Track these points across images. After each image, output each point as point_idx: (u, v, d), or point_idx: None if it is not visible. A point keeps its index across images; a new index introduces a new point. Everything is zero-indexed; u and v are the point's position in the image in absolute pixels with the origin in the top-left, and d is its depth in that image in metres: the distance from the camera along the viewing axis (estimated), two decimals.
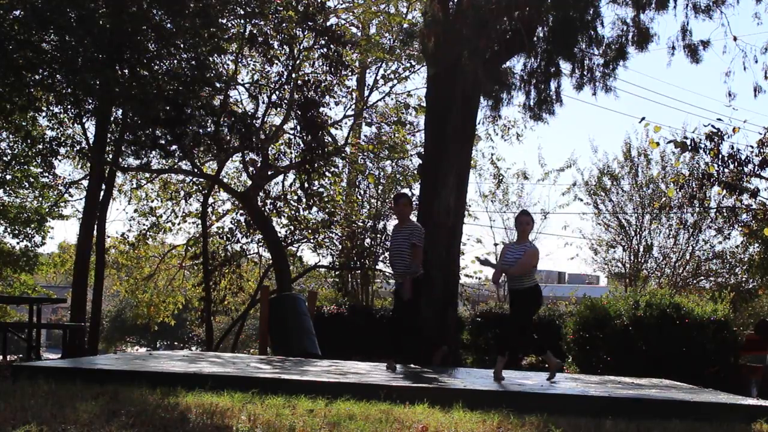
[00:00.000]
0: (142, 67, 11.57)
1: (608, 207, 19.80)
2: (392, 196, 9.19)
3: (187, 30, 11.18)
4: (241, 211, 16.63)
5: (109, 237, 16.66)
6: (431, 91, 11.10)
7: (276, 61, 14.23)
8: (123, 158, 13.92)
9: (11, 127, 13.77)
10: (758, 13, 12.60)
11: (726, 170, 11.06)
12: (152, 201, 17.91)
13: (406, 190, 17.42)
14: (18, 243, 17.14)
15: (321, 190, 16.00)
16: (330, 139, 16.04)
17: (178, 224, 17.93)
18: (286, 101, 14.66)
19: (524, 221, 8.00)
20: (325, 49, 14.11)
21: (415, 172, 16.57)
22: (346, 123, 17.06)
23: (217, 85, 12.91)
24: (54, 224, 43.99)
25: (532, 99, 10.60)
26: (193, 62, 11.83)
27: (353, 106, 16.67)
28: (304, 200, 15.64)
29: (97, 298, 14.59)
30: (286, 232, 16.49)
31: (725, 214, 15.29)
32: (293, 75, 14.35)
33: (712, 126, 10.86)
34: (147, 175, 16.69)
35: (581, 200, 20.51)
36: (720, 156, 10.96)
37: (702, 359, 10.61)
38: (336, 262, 17.48)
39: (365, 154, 17.05)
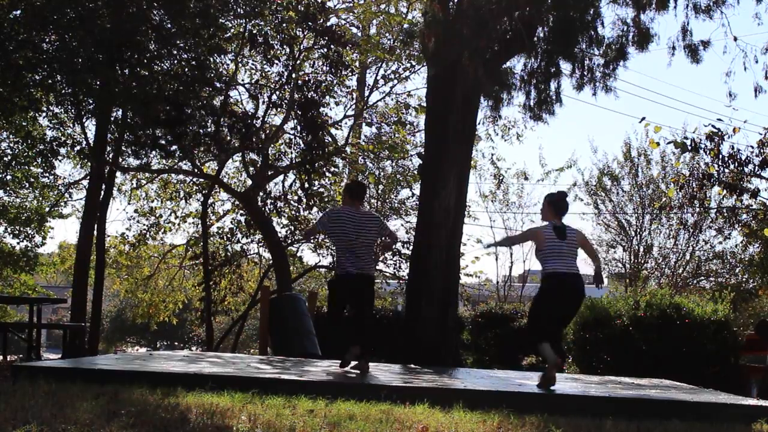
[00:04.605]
0: (142, 67, 11.57)
1: (608, 207, 19.85)
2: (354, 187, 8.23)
3: (187, 30, 11.18)
4: (241, 211, 16.64)
5: (109, 237, 16.68)
6: (431, 92, 11.08)
7: (276, 61, 14.23)
8: (123, 158, 13.93)
9: (11, 127, 13.78)
10: (758, 13, 12.59)
11: (726, 170, 11.06)
12: (152, 201, 17.93)
13: (406, 190, 17.46)
14: (18, 243, 17.19)
15: (321, 190, 16.00)
16: (330, 139, 16.04)
17: (178, 224, 17.95)
18: (286, 101, 14.65)
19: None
20: (325, 49, 14.11)
21: (415, 172, 16.58)
22: (346, 123, 17.08)
23: (217, 85, 12.91)
24: (54, 224, 44.06)
25: (532, 99, 10.59)
26: (193, 62, 11.83)
27: (353, 106, 16.67)
28: (304, 200, 15.64)
29: (97, 298, 14.59)
30: (286, 232, 16.50)
31: (725, 214, 15.30)
32: (293, 75, 14.35)
33: (713, 126, 10.88)
34: (147, 175, 16.70)
35: (581, 200, 20.59)
36: (720, 156, 10.96)
37: (702, 359, 10.60)
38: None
39: (365, 154, 17.04)
